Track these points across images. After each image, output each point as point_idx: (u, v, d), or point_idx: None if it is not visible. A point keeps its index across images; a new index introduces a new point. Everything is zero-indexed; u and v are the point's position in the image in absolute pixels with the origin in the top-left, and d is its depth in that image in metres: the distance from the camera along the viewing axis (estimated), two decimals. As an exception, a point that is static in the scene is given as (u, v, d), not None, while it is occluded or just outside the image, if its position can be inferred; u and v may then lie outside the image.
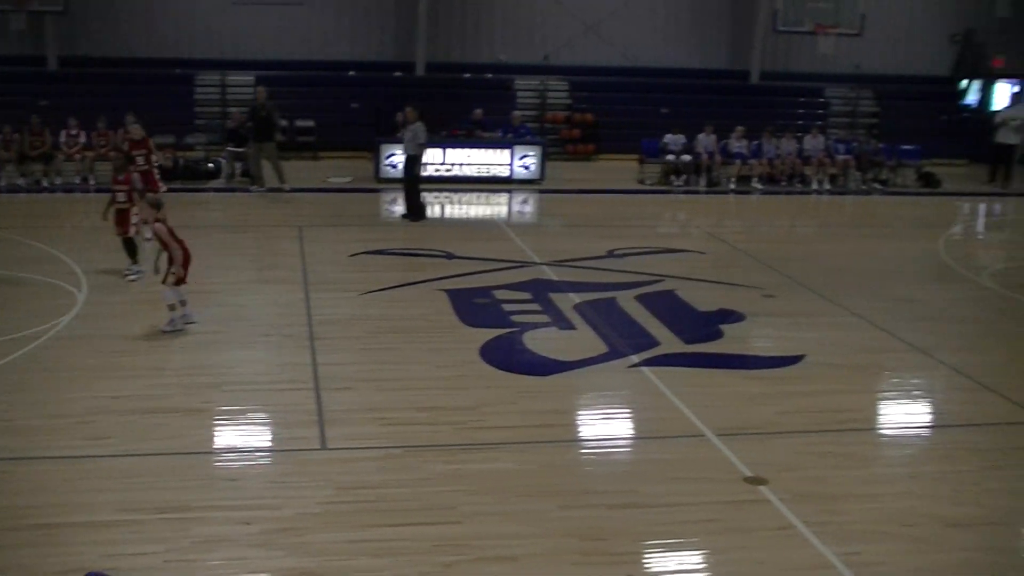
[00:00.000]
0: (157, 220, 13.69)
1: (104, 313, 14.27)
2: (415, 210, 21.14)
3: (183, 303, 13.57)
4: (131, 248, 16.05)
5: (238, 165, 24.66)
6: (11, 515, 8.73)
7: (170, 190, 22.71)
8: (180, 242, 13.53)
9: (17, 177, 23.65)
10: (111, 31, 29.88)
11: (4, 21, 27.43)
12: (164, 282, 13.45)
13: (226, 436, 10.72)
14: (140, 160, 18.26)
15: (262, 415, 11.13)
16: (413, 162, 21.05)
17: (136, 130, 18.99)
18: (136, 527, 8.57)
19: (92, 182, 23.76)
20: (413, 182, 21.18)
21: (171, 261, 13.43)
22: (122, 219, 15.95)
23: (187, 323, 13.59)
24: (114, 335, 13.34)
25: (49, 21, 28.88)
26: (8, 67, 28.98)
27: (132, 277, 15.81)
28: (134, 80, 28.50)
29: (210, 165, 25.15)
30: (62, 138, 23.90)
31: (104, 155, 23.84)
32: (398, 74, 30.62)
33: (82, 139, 23.99)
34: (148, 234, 17.07)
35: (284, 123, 28.54)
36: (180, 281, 13.45)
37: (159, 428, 10.57)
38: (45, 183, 23.66)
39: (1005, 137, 28.48)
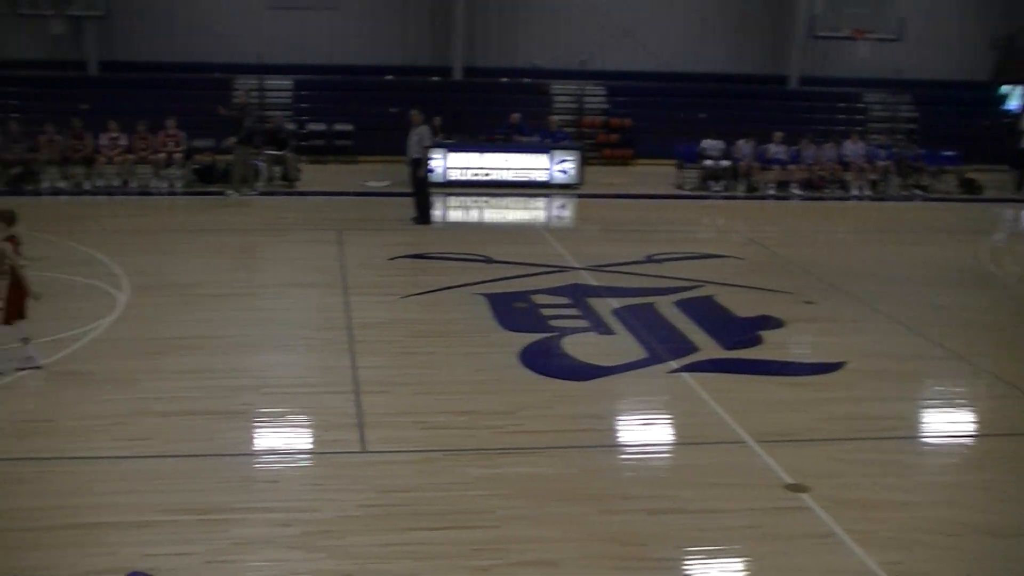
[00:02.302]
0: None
1: (145, 315, 14.36)
2: (423, 213, 21.06)
3: (25, 341, 12.08)
4: None
5: (276, 168, 24.76)
6: (53, 515, 8.79)
7: (209, 193, 22.95)
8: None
9: (59, 180, 23.87)
10: (151, 35, 30.13)
11: (45, 25, 27.69)
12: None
13: (266, 438, 10.75)
14: None
15: (302, 418, 11.16)
16: (418, 165, 20.98)
17: None
18: (176, 528, 8.61)
19: (132, 185, 23.96)
20: (420, 185, 21.11)
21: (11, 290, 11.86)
22: None
23: (29, 366, 12.04)
24: (154, 337, 13.41)
25: (90, 26, 29.15)
26: (50, 71, 29.31)
27: None
28: (174, 84, 28.71)
29: (249, 168, 25.27)
30: (103, 141, 24.07)
31: (144, 158, 24.03)
32: (435, 79, 30.67)
33: (123, 142, 24.14)
34: None
35: (322, 127, 28.78)
36: (10, 318, 11.90)
37: (199, 430, 10.62)
38: (87, 186, 23.85)
39: None
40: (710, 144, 26.73)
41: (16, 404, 11.43)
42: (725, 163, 26.53)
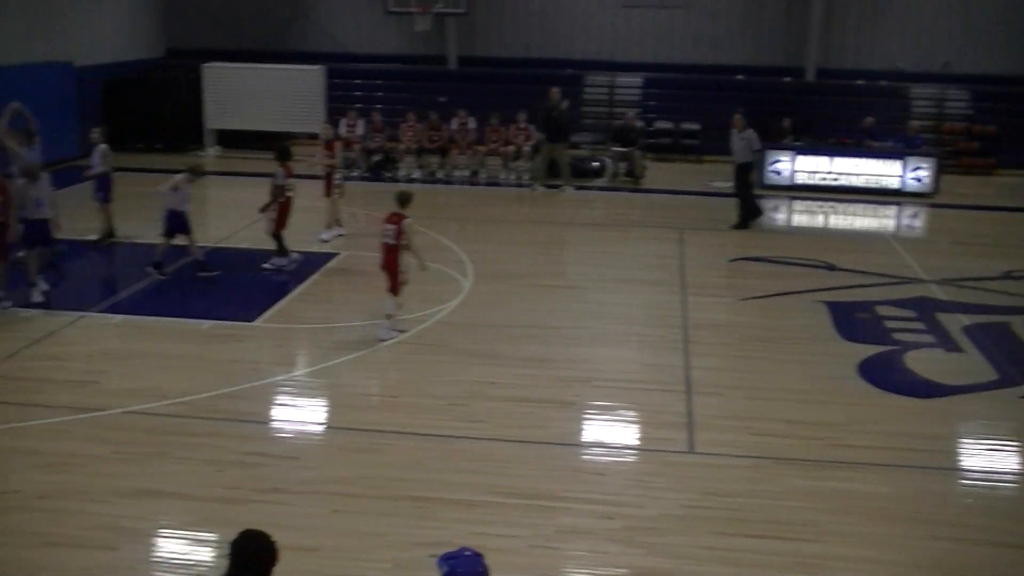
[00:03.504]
0: (403, 216, 13.14)
1: (486, 301, 14.86)
2: (750, 216, 20.58)
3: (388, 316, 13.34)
4: (279, 241, 16.28)
5: (623, 165, 25.00)
6: (390, 485, 9.27)
7: (553, 186, 23.41)
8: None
9: (415, 168, 25.06)
10: (508, 32, 31.11)
11: (411, 22, 29.13)
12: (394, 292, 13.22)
13: (594, 431, 10.89)
14: (326, 159, 18.44)
15: (631, 413, 11.22)
16: (747, 170, 20.49)
17: (326, 131, 19.36)
18: (504, 510, 8.86)
19: (482, 175, 24.80)
20: (747, 190, 20.62)
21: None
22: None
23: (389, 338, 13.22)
24: (493, 323, 13.87)
25: (451, 22, 30.41)
26: (413, 65, 30.86)
27: (268, 266, 16.26)
28: (526, 79, 29.48)
29: (595, 164, 25.62)
30: (453, 126, 25.02)
31: (494, 151, 24.83)
32: (787, 79, 30.05)
33: (471, 127, 24.97)
34: (326, 235, 17.72)
35: (669, 125, 28.82)
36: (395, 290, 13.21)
37: (530, 417, 10.88)
38: (439, 175, 24.91)
39: None
40: (1085, 155, 24.78)
41: (363, 378, 12.14)
42: (1100, 176, 24.53)
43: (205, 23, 31.27)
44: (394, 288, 13.12)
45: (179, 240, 15.67)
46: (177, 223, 15.55)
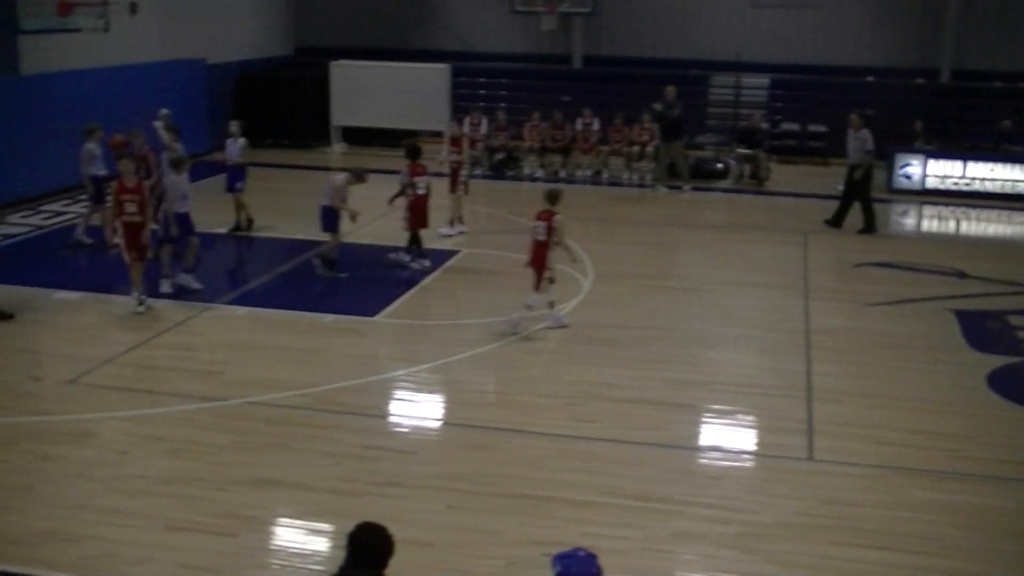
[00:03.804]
0: (553, 213, 13.36)
1: (606, 302, 14.81)
2: (868, 222, 20.05)
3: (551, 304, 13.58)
4: (414, 239, 16.41)
5: (747, 166, 24.68)
6: (505, 482, 9.30)
7: (674, 187, 23.25)
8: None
9: (538, 167, 25.09)
10: (633, 32, 30.93)
11: (537, 22, 29.18)
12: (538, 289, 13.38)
13: (711, 434, 10.77)
14: (453, 155, 18.88)
15: (750, 418, 11.09)
16: (857, 169, 19.97)
17: (452, 128, 19.81)
18: (617, 511, 8.82)
19: (604, 175, 24.72)
20: (858, 191, 20.09)
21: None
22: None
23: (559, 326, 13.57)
24: (612, 324, 13.83)
25: (577, 22, 30.39)
26: (537, 64, 30.91)
27: (393, 257, 16.44)
28: (651, 79, 29.26)
29: (719, 165, 25.35)
30: (577, 126, 24.97)
31: (617, 151, 24.72)
32: (919, 81, 29.34)
33: (595, 127, 24.88)
34: (447, 230, 18.07)
35: (795, 127, 28.39)
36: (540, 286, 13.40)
37: (646, 418, 10.82)
38: (562, 174, 24.89)
39: None
40: None
41: (481, 375, 12.19)
42: None
43: (333, 22, 31.81)
44: (538, 284, 13.22)
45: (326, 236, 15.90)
46: (330, 219, 15.76)
